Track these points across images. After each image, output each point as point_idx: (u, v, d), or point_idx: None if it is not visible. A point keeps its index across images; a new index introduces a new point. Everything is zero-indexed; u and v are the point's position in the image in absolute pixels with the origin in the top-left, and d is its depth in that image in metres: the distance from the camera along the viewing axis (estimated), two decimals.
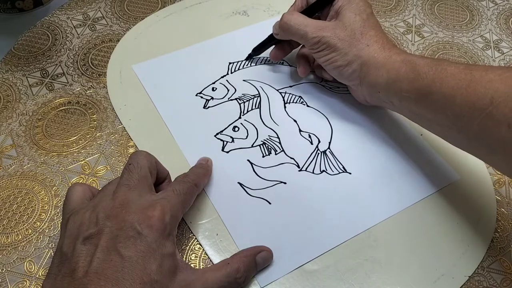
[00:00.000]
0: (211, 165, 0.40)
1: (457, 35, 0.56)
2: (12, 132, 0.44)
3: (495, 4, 0.61)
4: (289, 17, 0.43)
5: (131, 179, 0.32)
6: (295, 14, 0.43)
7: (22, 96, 0.46)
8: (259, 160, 0.42)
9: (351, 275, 0.35)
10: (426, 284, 0.35)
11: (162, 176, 0.36)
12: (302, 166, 0.41)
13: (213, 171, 0.41)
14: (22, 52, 0.51)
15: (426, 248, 0.37)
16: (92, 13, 0.56)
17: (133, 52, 0.51)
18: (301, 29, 0.42)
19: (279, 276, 0.35)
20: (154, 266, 0.29)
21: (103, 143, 0.43)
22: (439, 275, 0.36)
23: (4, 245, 0.36)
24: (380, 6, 0.59)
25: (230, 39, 0.52)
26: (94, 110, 0.46)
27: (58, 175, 0.41)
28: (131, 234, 0.29)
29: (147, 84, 0.47)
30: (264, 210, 0.39)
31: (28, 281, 0.35)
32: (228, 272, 0.32)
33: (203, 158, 0.41)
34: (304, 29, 0.41)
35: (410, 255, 0.37)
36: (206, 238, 0.37)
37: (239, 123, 0.44)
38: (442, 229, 0.38)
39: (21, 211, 0.38)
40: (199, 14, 0.55)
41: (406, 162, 0.42)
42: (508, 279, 0.36)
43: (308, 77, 0.49)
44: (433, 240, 0.37)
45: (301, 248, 0.37)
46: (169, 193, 0.33)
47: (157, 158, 0.36)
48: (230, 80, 0.48)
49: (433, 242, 0.37)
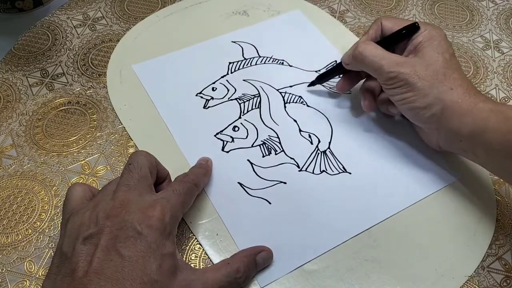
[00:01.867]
0: (211, 165, 0.40)
1: (457, 35, 0.56)
2: (12, 132, 0.44)
3: (495, 4, 0.61)
4: (364, 46, 0.39)
5: (131, 179, 0.32)
6: (371, 44, 0.40)
7: (22, 96, 0.46)
8: (259, 160, 0.42)
9: (351, 275, 0.35)
10: (426, 284, 0.35)
11: (162, 176, 0.36)
12: (302, 166, 0.41)
13: (213, 171, 0.41)
14: (22, 52, 0.51)
15: (426, 248, 0.37)
16: (92, 13, 0.55)
17: (133, 52, 0.51)
18: (376, 61, 0.38)
19: (279, 276, 0.35)
20: (154, 266, 0.29)
21: (103, 143, 0.43)
22: (439, 275, 0.36)
23: (4, 245, 0.36)
24: (380, 6, 0.59)
25: (230, 39, 0.52)
26: (94, 110, 0.46)
27: (58, 175, 0.41)
28: (131, 234, 0.29)
29: (147, 84, 0.47)
30: (264, 210, 0.39)
31: (28, 281, 0.35)
32: (228, 272, 0.32)
33: (203, 158, 0.41)
34: (380, 61, 0.38)
35: (410, 255, 0.37)
36: (206, 238, 0.37)
37: (239, 123, 0.44)
38: (442, 229, 0.38)
39: (21, 211, 0.38)
40: (199, 14, 0.55)
41: (406, 162, 0.42)
42: (508, 279, 0.36)
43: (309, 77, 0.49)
44: (433, 240, 0.37)
45: (301, 248, 0.37)
46: (169, 193, 0.33)
47: (157, 158, 0.36)
48: (230, 80, 0.48)
49: (433, 242, 0.37)
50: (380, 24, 0.41)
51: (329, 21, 0.56)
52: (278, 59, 0.50)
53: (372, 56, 0.38)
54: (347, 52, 0.42)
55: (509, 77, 0.52)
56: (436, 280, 0.35)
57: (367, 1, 0.59)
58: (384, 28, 0.41)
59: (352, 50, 0.41)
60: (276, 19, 0.55)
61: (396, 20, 0.41)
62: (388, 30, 0.41)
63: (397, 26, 0.40)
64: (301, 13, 0.56)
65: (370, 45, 0.39)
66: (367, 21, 0.57)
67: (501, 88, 0.51)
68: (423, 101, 0.37)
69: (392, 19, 0.41)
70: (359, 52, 0.39)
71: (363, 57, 0.39)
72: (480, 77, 0.51)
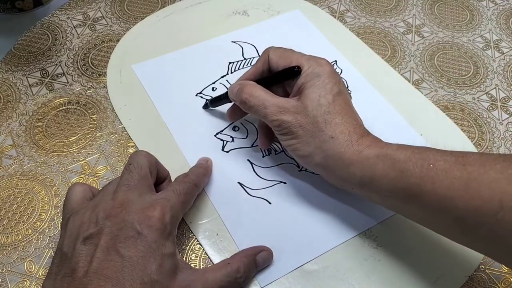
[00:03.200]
0: (211, 165, 0.40)
1: (457, 35, 0.56)
2: (12, 132, 0.44)
3: (495, 4, 0.61)
4: (249, 92, 0.37)
5: (131, 179, 0.32)
6: (253, 90, 0.37)
7: (22, 96, 0.46)
8: (259, 160, 0.42)
9: (351, 275, 0.35)
10: (426, 284, 0.35)
11: (162, 176, 0.36)
12: (302, 166, 0.41)
13: (213, 171, 0.41)
14: (22, 52, 0.51)
15: (426, 248, 0.37)
16: (92, 13, 0.55)
17: (133, 52, 0.51)
18: (260, 110, 0.36)
19: (279, 276, 0.35)
20: (155, 266, 0.29)
21: (103, 143, 0.43)
22: (439, 275, 0.36)
23: (4, 245, 0.36)
24: (380, 6, 0.59)
25: (230, 39, 0.52)
26: (94, 110, 0.46)
27: (58, 175, 0.41)
28: (131, 234, 0.29)
29: (147, 84, 0.47)
30: (264, 210, 0.39)
31: (28, 281, 0.35)
32: (228, 272, 0.32)
33: (203, 158, 0.41)
34: (264, 110, 0.36)
35: (410, 255, 0.37)
36: (206, 238, 0.37)
37: (239, 123, 0.44)
38: None
39: (21, 211, 0.38)
40: (199, 14, 0.55)
41: None
42: (508, 279, 0.36)
43: None
44: (433, 240, 0.37)
45: (301, 248, 0.37)
46: (169, 193, 0.33)
47: (157, 158, 0.36)
48: (230, 80, 0.48)
49: (433, 242, 0.37)
50: (267, 57, 0.38)
51: (329, 21, 0.56)
52: None
53: (256, 105, 0.36)
54: (233, 86, 0.39)
55: (509, 77, 0.52)
56: (436, 280, 0.35)
57: (367, 1, 0.60)
58: (270, 62, 0.38)
59: (236, 90, 0.38)
60: (276, 19, 0.55)
61: (283, 53, 0.38)
62: (274, 65, 0.38)
63: (283, 62, 0.37)
64: (301, 13, 0.56)
65: (254, 89, 0.37)
66: (367, 21, 0.57)
67: (501, 88, 0.51)
68: (306, 149, 0.35)
69: (279, 52, 0.38)
70: (243, 100, 0.37)
71: (247, 104, 0.37)
72: (480, 77, 0.52)
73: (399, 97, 0.47)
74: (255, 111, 0.37)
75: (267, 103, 0.36)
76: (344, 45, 0.53)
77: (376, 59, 0.52)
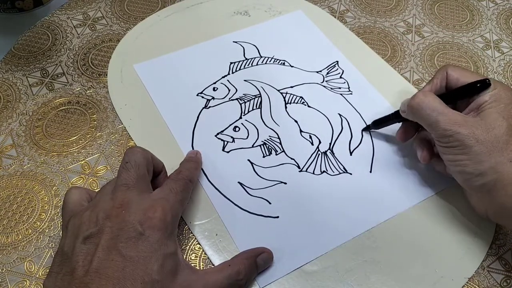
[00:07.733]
0: (200, 157, 0.41)
1: (457, 35, 0.56)
2: (12, 132, 0.44)
3: (495, 4, 0.61)
4: (422, 98, 0.36)
5: (129, 178, 0.32)
6: (430, 96, 0.36)
7: (22, 96, 0.46)
8: (260, 160, 0.42)
9: (351, 276, 0.35)
10: (425, 285, 0.35)
11: (157, 170, 0.36)
12: (303, 166, 0.41)
13: (214, 170, 0.41)
14: (22, 52, 0.51)
15: (426, 250, 0.37)
16: (92, 13, 0.55)
17: (134, 52, 0.51)
18: (433, 116, 0.35)
19: (278, 276, 0.35)
20: (156, 266, 0.29)
21: (103, 143, 0.43)
22: (439, 276, 0.36)
23: (4, 245, 0.36)
24: (380, 6, 0.59)
25: (232, 39, 0.52)
26: (94, 110, 0.46)
27: (58, 175, 0.41)
28: (133, 235, 0.29)
29: (148, 84, 0.47)
30: (264, 210, 0.39)
31: (28, 281, 0.35)
32: (229, 274, 0.32)
33: (191, 151, 0.41)
34: (437, 117, 0.35)
35: (410, 257, 0.37)
36: (206, 238, 0.37)
37: (240, 123, 0.44)
38: (442, 230, 0.38)
39: (21, 211, 0.38)
40: (200, 14, 0.55)
41: (407, 163, 0.42)
42: (508, 279, 0.36)
43: (310, 77, 0.49)
44: (433, 242, 0.37)
45: (300, 249, 0.37)
46: (167, 192, 0.33)
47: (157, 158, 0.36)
48: (231, 80, 0.48)
49: (433, 243, 0.37)
50: (445, 74, 0.38)
51: (329, 21, 0.56)
52: (280, 59, 0.50)
53: (429, 110, 0.35)
54: (405, 100, 0.39)
55: (509, 77, 0.52)
56: (435, 281, 0.35)
57: (367, 1, 0.59)
58: (449, 78, 0.38)
59: (410, 99, 0.38)
60: (277, 19, 0.55)
61: (463, 71, 0.38)
62: (454, 81, 0.38)
63: (464, 78, 0.37)
64: (302, 13, 0.56)
65: (429, 97, 0.36)
66: (367, 21, 0.57)
67: None
68: (477, 167, 0.33)
69: (458, 70, 0.38)
70: (417, 103, 0.36)
71: (420, 109, 0.36)
72: None
73: (399, 97, 0.47)
74: (425, 116, 0.36)
75: (441, 110, 0.35)
76: (345, 45, 0.52)
77: (376, 59, 0.52)
